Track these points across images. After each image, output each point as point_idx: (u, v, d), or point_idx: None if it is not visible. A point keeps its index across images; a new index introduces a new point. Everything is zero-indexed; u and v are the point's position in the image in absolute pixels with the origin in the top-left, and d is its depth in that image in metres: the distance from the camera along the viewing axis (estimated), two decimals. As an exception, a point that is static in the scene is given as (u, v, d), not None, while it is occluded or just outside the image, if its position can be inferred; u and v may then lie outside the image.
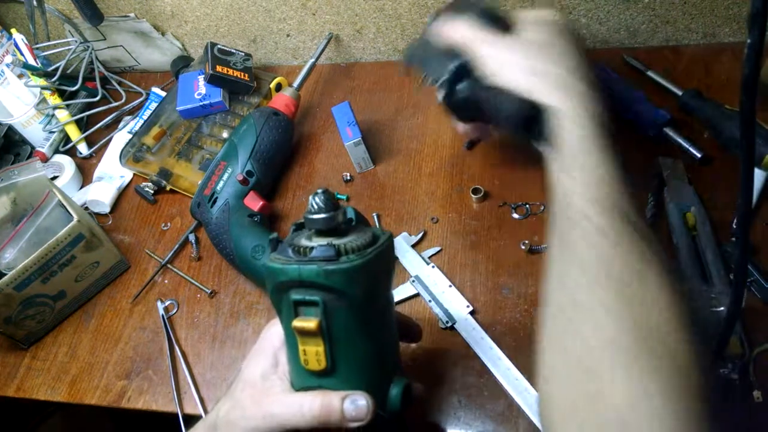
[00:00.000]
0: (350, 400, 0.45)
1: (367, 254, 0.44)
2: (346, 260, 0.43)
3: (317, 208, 0.46)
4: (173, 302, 0.83)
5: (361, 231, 0.48)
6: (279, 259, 0.45)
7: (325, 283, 0.43)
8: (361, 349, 0.46)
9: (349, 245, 0.44)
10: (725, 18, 0.85)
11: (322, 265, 0.43)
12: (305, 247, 0.45)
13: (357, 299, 0.44)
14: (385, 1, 0.93)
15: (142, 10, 1.03)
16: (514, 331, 0.70)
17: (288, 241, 0.47)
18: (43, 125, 1.02)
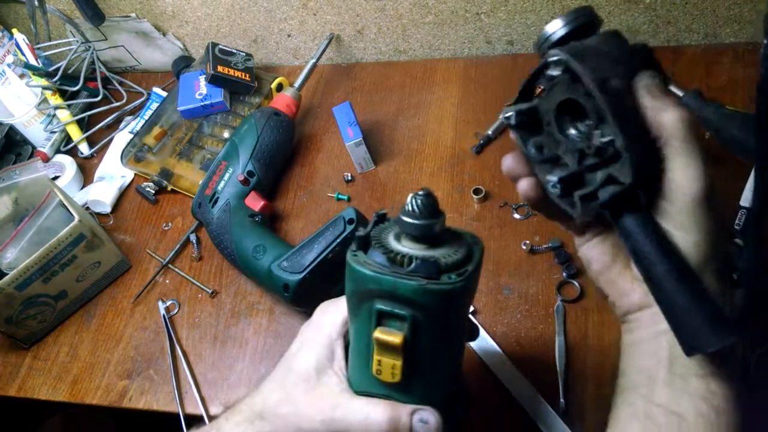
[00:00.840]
0: (419, 417, 0.42)
1: (466, 274, 0.40)
2: (448, 281, 0.39)
3: (417, 212, 0.41)
4: (174, 302, 0.83)
5: (455, 239, 0.44)
6: (370, 265, 0.40)
7: (421, 302, 0.40)
8: (441, 369, 0.44)
9: (450, 260, 0.40)
10: (726, 18, 0.85)
11: (422, 283, 0.39)
12: (403, 256, 0.41)
13: (449, 320, 0.42)
14: (387, 2, 0.93)
15: (143, 11, 1.03)
16: (515, 331, 0.70)
17: (377, 241, 0.42)
18: (45, 125, 1.02)
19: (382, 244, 0.42)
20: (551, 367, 0.66)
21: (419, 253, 0.41)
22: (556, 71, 0.39)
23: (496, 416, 0.65)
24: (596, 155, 0.39)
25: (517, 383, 0.66)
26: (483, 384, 0.67)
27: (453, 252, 0.41)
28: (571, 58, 0.37)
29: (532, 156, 0.42)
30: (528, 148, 0.42)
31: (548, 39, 0.41)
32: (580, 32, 0.40)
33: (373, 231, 0.44)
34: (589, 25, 0.41)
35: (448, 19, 0.93)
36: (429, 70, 0.98)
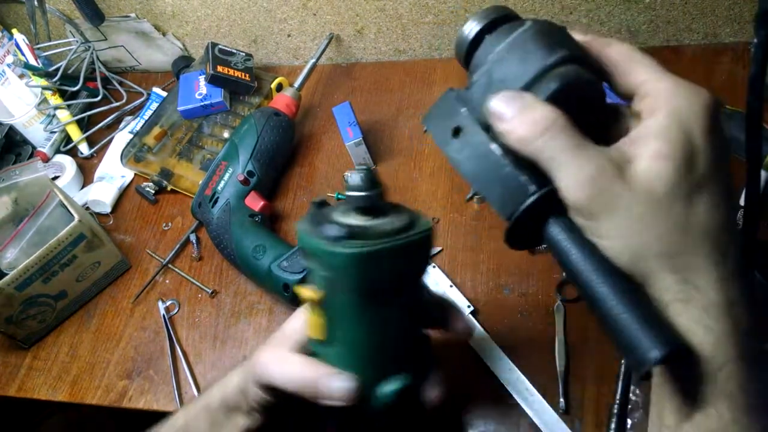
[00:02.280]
0: (336, 379, 0.43)
1: (376, 244, 0.40)
2: (351, 245, 0.40)
3: (353, 185, 0.43)
4: (174, 302, 0.83)
5: (399, 216, 0.44)
6: (303, 225, 0.44)
7: (328, 262, 0.41)
8: (359, 337, 0.44)
9: (369, 230, 0.41)
10: (726, 18, 0.85)
11: (326, 244, 0.40)
12: (329, 220, 0.42)
13: (358, 287, 0.42)
14: (386, 2, 0.93)
15: (143, 11, 1.03)
16: (515, 331, 0.70)
17: (325, 212, 0.45)
18: (45, 125, 1.02)
19: (324, 213, 0.44)
20: (551, 367, 0.66)
21: (347, 220, 0.42)
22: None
23: (496, 416, 0.65)
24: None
25: (517, 383, 0.66)
26: (482, 384, 0.67)
27: (382, 224, 0.42)
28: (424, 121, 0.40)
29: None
30: None
31: (462, 44, 0.40)
32: (493, 29, 0.39)
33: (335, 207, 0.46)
34: (502, 19, 0.39)
35: (448, 19, 0.93)
36: (429, 70, 0.98)
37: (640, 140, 0.34)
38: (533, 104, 0.34)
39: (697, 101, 0.35)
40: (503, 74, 0.36)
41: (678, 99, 0.34)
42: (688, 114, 0.34)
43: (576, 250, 0.34)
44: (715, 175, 0.33)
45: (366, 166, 0.44)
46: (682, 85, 0.35)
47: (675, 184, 0.32)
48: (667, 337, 0.31)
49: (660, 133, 0.33)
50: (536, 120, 0.34)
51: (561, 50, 0.35)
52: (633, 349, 0.31)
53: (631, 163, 0.33)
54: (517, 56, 0.36)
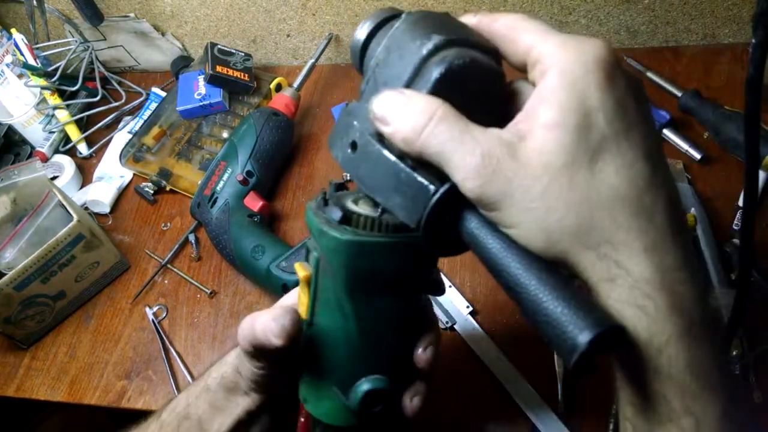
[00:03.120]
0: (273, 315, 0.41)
1: (370, 236, 0.37)
2: (344, 231, 0.37)
3: None
4: (161, 307, 0.82)
5: None
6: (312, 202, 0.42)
7: (321, 243, 0.39)
8: (336, 326, 0.42)
9: (371, 220, 0.38)
10: (725, 19, 0.85)
11: (320, 223, 0.38)
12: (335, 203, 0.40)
13: (344, 276, 0.40)
14: (385, 2, 0.93)
15: (142, 11, 1.03)
16: (514, 332, 0.70)
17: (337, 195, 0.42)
18: (43, 125, 1.02)
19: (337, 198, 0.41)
20: (551, 367, 0.66)
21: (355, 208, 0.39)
22: None
23: (496, 416, 0.65)
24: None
25: (517, 383, 0.66)
26: (482, 384, 0.67)
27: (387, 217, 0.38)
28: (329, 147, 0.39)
29: None
30: None
31: (355, 47, 0.37)
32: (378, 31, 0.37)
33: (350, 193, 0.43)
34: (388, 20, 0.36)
35: (447, 19, 0.93)
36: (428, 71, 0.98)
37: (532, 111, 0.30)
38: (411, 99, 0.32)
39: (587, 55, 0.30)
40: (385, 76, 0.34)
41: (566, 56, 0.30)
42: (577, 71, 0.30)
43: (493, 243, 0.32)
44: (624, 131, 0.29)
45: None
46: (570, 41, 0.31)
47: (572, 152, 0.29)
48: (594, 320, 0.27)
49: (549, 98, 0.30)
50: (415, 115, 0.31)
51: (437, 36, 0.32)
52: (560, 341, 0.28)
53: (525, 140, 0.30)
54: (396, 54, 0.33)
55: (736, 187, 0.74)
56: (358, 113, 0.36)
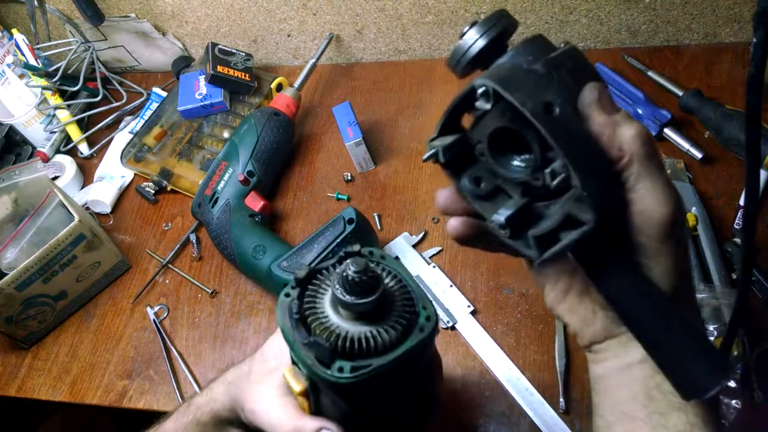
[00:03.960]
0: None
1: (361, 372, 0.33)
2: (335, 373, 0.34)
3: (348, 288, 0.34)
4: (163, 307, 0.83)
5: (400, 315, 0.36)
6: (285, 318, 0.36)
7: (307, 371, 0.36)
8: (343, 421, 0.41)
9: (357, 346, 0.34)
10: (726, 18, 0.85)
11: (309, 363, 0.34)
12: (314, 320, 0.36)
13: (349, 403, 0.38)
14: (386, 2, 0.93)
15: (142, 11, 1.03)
16: (515, 331, 0.70)
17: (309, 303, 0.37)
18: (44, 125, 1.02)
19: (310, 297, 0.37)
20: (551, 367, 0.66)
21: (334, 324, 0.35)
22: (485, 104, 0.33)
23: (496, 416, 0.65)
24: (548, 187, 0.33)
25: (517, 383, 0.66)
26: (483, 384, 0.67)
27: (374, 336, 0.34)
28: (502, 89, 0.32)
29: (469, 191, 0.37)
30: (463, 183, 0.37)
31: (466, 54, 0.35)
32: (497, 42, 0.35)
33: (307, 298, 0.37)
34: (506, 31, 0.36)
35: (447, 19, 0.93)
36: (429, 70, 0.98)
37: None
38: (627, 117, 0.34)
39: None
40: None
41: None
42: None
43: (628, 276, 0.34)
44: None
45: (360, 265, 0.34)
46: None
47: None
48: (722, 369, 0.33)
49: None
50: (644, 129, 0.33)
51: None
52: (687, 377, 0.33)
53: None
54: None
55: (737, 187, 0.74)
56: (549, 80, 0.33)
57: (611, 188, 0.33)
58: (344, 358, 0.34)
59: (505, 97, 0.32)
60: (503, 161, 0.35)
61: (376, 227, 0.82)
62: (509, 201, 0.35)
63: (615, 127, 0.33)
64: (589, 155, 0.32)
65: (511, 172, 0.35)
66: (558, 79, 0.33)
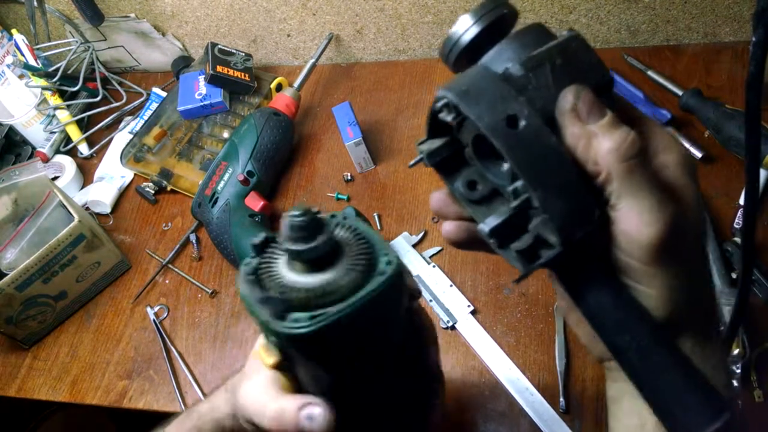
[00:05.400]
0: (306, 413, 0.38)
1: (320, 319, 0.31)
2: (291, 324, 0.32)
3: (293, 235, 0.33)
4: (162, 307, 0.83)
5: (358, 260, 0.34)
6: (244, 285, 0.35)
7: (275, 336, 0.34)
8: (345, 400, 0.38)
9: (311, 294, 0.33)
10: (726, 17, 0.85)
11: (265, 320, 0.33)
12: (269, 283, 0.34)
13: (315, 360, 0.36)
14: (386, 2, 0.93)
15: (142, 11, 1.03)
16: (514, 331, 0.70)
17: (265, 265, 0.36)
18: (44, 126, 1.02)
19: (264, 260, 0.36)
20: (551, 367, 0.66)
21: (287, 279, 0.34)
22: (447, 116, 0.31)
23: (496, 416, 0.65)
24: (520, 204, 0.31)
25: (517, 383, 0.66)
26: (483, 384, 0.67)
27: (328, 282, 0.33)
28: (459, 101, 0.30)
29: (463, 195, 0.35)
30: (456, 186, 0.35)
31: (457, 44, 0.33)
32: (494, 29, 0.33)
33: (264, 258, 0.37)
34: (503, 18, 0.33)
35: (447, 18, 0.93)
36: (428, 70, 0.98)
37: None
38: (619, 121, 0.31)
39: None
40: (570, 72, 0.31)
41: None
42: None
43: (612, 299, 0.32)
44: None
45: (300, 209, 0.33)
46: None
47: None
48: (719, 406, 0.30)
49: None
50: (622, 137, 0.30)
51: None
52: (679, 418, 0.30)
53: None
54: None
55: (737, 186, 0.74)
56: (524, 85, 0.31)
57: (584, 207, 0.30)
58: (301, 311, 0.32)
59: (462, 111, 0.30)
60: (491, 166, 0.33)
61: (376, 227, 0.82)
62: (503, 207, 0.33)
63: (590, 138, 0.30)
64: (556, 172, 0.30)
65: (499, 178, 0.33)
66: (536, 82, 0.31)
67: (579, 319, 0.37)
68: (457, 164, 0.35)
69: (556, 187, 0.29)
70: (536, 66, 0.31)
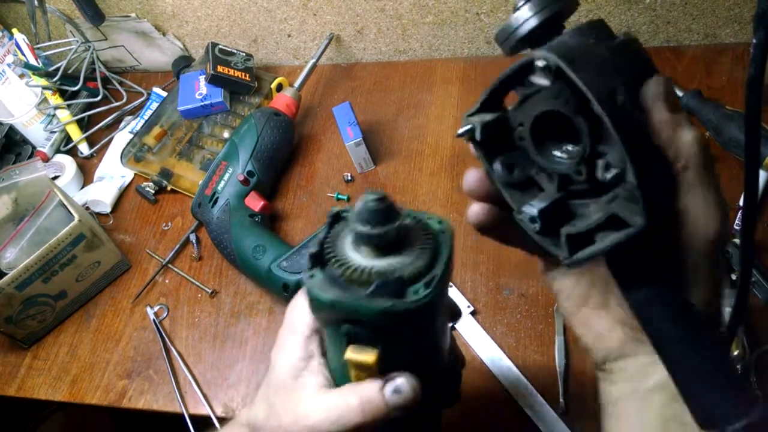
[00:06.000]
0: (391, 388, 0.36)
1: (435, 281, 0.33)
2: (415, 297, 0.33)
3: (370, 219, 0.34)
4: (162, 307, 0.83)
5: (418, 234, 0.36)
6: (328, 289, 0.34)
7: (389, 323, 0.34)
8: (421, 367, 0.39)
9: (414, 268, 0.34)
10: (726, 19, 0.85)
11: (386, 305, 0.33)
12: (362, 272, 0.34)
13: (425, 328, 0.37)
14: (386, 2, 0.93)
15: (143, 10, 1.03)
16: (515, 331, 0.70)
17: (333, 255, 0.36)
18: (45, 125, 1.02)
19: (338, 259, 0.35)
20: (551, 367, 0.66)
21: (379, 265, 0.34)
22: (542, 79, 0.31)
23: (496, 416, 0.65)
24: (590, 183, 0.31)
25: (517, 383, 0.66)
26: (483, 384, 0.67)
27: (417, 256, 0.35)
28: (567, 65, 0.29)
29: (500, 177, 0.34)
30: (494, 168, 0.35)
31: (516, 32, 0.33)
32: (553, 22, 0.33)
33: (328, 239, 0.37)
34: (563, 11, 0.34)
35: (448, 19, 0.93)
36: (429, 71, 0.98)
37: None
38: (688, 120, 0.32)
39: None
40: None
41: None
42: None
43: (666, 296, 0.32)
44: None
45: (377, 194, 0.34)
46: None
47: None
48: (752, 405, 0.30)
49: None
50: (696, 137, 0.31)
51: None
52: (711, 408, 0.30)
53: None
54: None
55: (736, 187, 0.74)
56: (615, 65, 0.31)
57: (665, 191, 0.31)
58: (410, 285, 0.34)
59: (569, 75, 0.29)
60: (543, 149, 0.33)
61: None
62: (540, 193, 0.33)
63: (676, 127, 0.30)
64: (648, 152, 0.30)
65: (552, 163, 0.33)
66: (622, 65, 0.31)
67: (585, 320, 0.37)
68: (498, 145, 0.35)
69: (648, 165, 0.29)
70: (619, 52, 0.31)
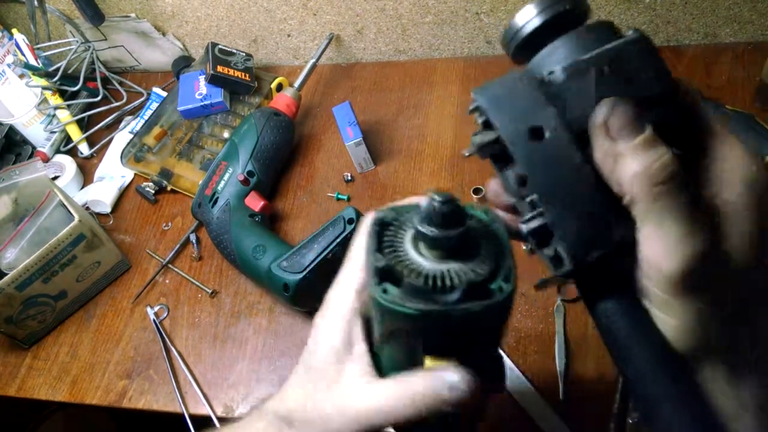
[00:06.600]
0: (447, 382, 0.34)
1: (513, 270, 0.32)
2: (501, 292, 0.31)
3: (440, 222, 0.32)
4: (162, 307, 0.83)
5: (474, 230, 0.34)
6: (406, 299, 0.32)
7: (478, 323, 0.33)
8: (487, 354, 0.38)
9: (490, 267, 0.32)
10: (726, 18, 0.85)
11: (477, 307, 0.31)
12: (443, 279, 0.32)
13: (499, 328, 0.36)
14: (386, 2, 0.93)
15: (143, 11, 1.03)
16: (514, 331, 0.70)
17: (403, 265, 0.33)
18: (45, 125, 1.02)
19: (414, 269, 0.33)
20: (551, 367, 0.66)
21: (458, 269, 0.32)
22: (479, 118, 0.31)
23: (496, 416, 0.65)
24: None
25: (517, 383, 0.66)
26: (483, 384, 0.67)
27: (485, 252, 0.33)
28: (488, 106, 0.30)
29: (512, 188, 0.33)
30: (505, 179, 0.34)
31: (517, 34, 0.32)
32: (559, 23, 0.31)
33: (387, 251, 0.34)
34: (570, 13, 0.31)
35: (447, 19, 0.93)
36: (429, 70, 0.98)
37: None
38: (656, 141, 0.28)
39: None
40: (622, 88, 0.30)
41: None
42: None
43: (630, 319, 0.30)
44: None
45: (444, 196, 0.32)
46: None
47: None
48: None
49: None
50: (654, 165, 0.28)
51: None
52: None
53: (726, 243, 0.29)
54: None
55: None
56: (556, 94, 0.29)
57: (600, 229, 0.29)
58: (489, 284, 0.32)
59: (488, 117, 0.30)
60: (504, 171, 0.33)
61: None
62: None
63: (616, 159, 0.28)
64: (574, 191, 0.29)
65: (508, 185, 0.33)
66: (576, 90, 0.29)
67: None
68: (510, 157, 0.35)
69: (571, 205, 0.29)
70: (578, 73, 0.29)
